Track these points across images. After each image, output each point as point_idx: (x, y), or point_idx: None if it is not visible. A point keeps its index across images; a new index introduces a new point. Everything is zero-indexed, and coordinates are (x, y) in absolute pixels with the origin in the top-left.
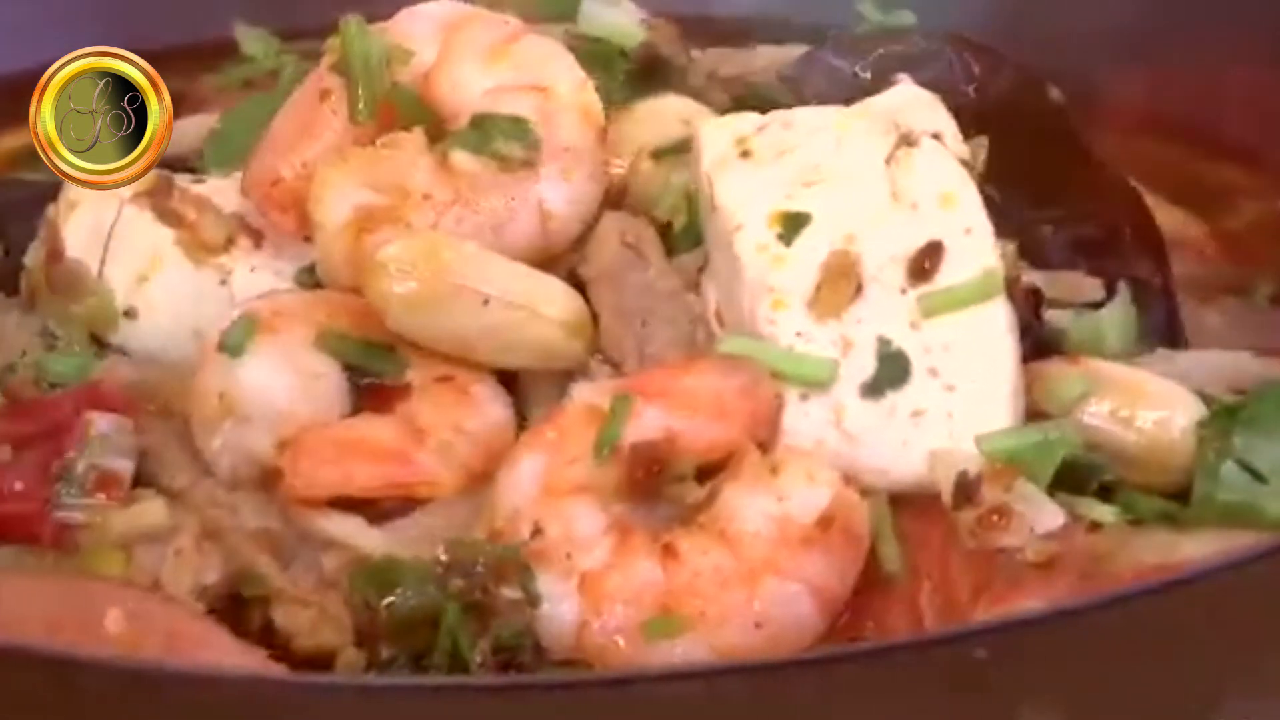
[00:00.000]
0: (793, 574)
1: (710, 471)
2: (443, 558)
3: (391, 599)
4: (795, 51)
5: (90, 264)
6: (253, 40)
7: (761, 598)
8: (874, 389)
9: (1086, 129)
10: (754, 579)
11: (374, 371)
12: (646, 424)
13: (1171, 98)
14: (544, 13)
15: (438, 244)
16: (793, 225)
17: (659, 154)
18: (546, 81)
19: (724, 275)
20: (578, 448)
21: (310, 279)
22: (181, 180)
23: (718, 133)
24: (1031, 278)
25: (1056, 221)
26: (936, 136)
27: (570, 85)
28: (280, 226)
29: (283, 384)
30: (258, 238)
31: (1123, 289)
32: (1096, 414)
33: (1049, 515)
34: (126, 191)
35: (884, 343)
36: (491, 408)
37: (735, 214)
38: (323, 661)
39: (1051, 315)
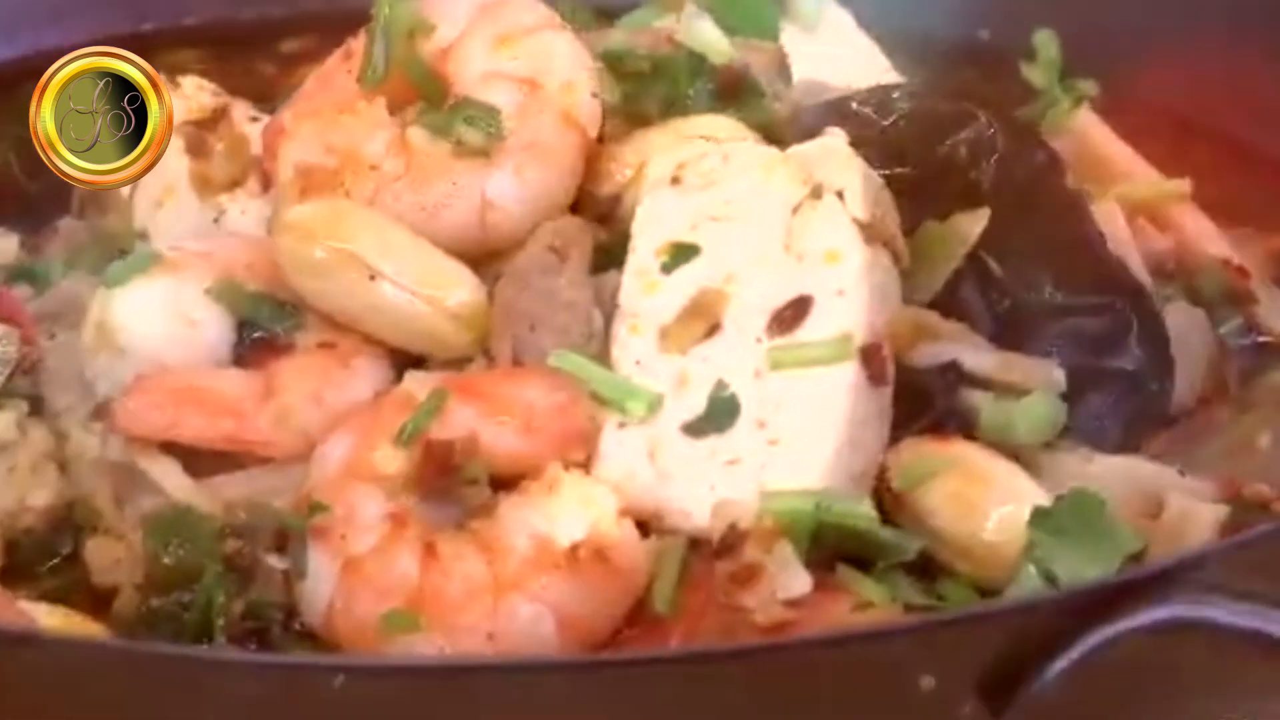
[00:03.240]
0: (538, 595)
1: (514, 481)
2: (242, 518)
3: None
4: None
5: None
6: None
7: (501, 612)
8: (696, 430)
9: None
10: (499, 593)
11: (262, 327)
12: (454, 422)
13: None
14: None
15: (344, 213)
16: (679, 256)
17: None
18: (540, 77)
19: None
20: (385, 434)
21: None
22: (242, 112)
23: (665, 155)
24: (978, 357)
25: (1060, 309)
26: (840, 194)
27: (561, 85)
28: (271, 175)
29: (153, 323)
30: (268, 184)
31: (1052, 383)
32: (932, 497)
33: (796, 582)
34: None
35: (720, 386)
36: (362, 383)
37: (636, 236)
38: (107, 600)
39: (975, 396)
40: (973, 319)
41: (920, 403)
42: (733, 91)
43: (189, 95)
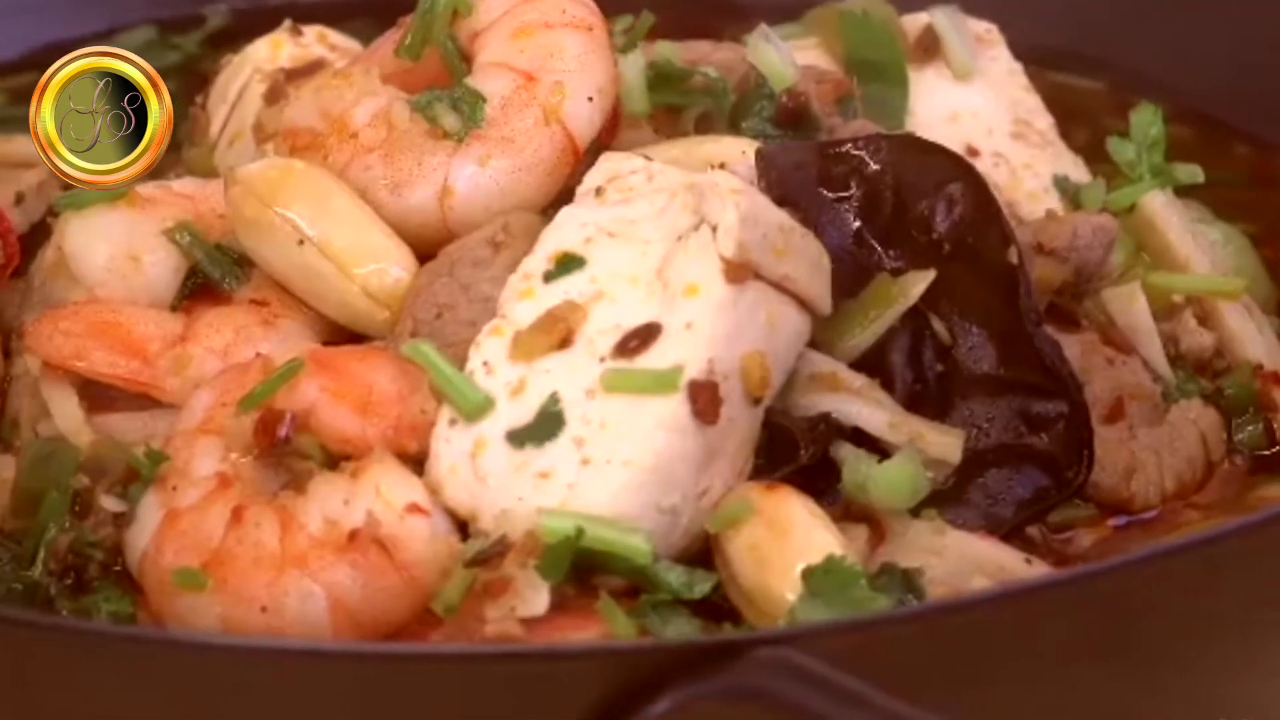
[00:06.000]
0: (316, 576)
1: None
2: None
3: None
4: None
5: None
6: None
7: (278, 586)
8: (518, 439)
9: None
10: (282, 567)
11: (205, 274)
12: (301, 394)
13: None
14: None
15: (290, 174)
16: (564, 266)
17: None
18: (538, 72)
19: None
20: (239, 394)
21: None
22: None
23: (602, 167)
24: (868, 414)
25: (998, 384)
26: (714, 229)
27: (553, 86)
28: None
29: (100, 253)
30: None
31: (909, 447)
32: (734, 543)
33: (534, 603)
34: (282, 59)
35: (552, 399)
36: (280, 344)
37: (541, 239)
38: None
39: (844, 451)
40: (890, 377)
41: (788, 450)
42: (790, 119)
43: (306, 43)
